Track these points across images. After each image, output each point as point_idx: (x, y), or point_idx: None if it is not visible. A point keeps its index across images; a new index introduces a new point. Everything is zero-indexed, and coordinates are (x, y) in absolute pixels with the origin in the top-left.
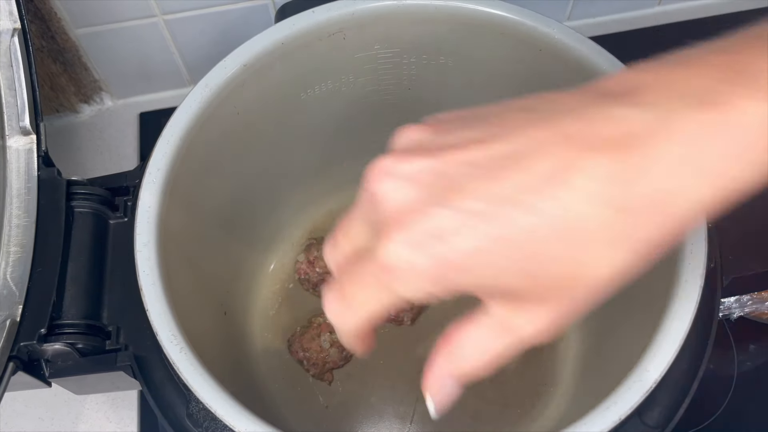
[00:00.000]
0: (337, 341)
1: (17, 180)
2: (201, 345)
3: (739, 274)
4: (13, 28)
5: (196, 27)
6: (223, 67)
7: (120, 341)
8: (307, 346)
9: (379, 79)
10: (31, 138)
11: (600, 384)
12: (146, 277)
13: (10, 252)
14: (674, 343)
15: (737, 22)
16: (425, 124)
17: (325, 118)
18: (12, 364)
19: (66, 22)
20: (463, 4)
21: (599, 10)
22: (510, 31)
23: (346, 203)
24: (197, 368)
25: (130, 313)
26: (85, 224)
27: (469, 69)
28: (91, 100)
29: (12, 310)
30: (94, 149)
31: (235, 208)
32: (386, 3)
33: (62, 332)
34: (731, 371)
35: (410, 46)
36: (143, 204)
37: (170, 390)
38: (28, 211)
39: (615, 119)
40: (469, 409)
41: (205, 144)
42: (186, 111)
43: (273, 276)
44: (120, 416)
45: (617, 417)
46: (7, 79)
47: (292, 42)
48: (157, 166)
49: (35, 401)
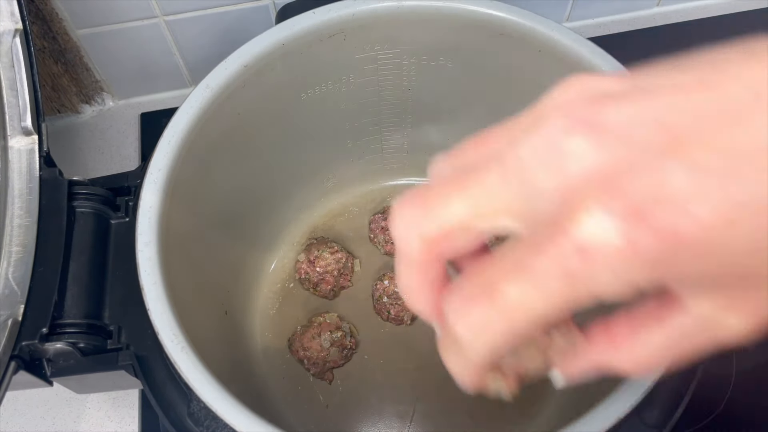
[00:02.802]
0: (338, 341)
1: (19, 180)
2: (202, 344)
3: None
4: (15, 28)
5: (197, 28)
6: (224, 67)
7: (121, 341)
8: (308, 346)
9: (379, 80)
10: (32, 138)
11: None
12: (147, 276)
13: (12, 252)
14: None
15: (736, 23)
16: (617, 77)
17: (326, 119)
18: (14, 363)
19: (67, 23)
20: (463, 5)
21: (598, 11)
22: (509, 31)
23: (346, 203)
24: (198, 367)
25: (132, 312)
26: (87, 224)
27: (468, 69)
28: (93, 101)
29: (14, 310)
30: (95, 149)
31: (235, 207)
32: (386, 4)
33: (64, 332)
34: (730, 370)
35: (410, 47)
36: (144, 204)
37: (171, 389)
38: (29, 211)
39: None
40: (469, 408)
41: (206, 144)
42: (187, 111)
43: (273, 275)
44: (121, 415)
45: (616, 416)
46: (8, 79)
47: (293, 43)
48: (158, 167)
49: (36, 400)
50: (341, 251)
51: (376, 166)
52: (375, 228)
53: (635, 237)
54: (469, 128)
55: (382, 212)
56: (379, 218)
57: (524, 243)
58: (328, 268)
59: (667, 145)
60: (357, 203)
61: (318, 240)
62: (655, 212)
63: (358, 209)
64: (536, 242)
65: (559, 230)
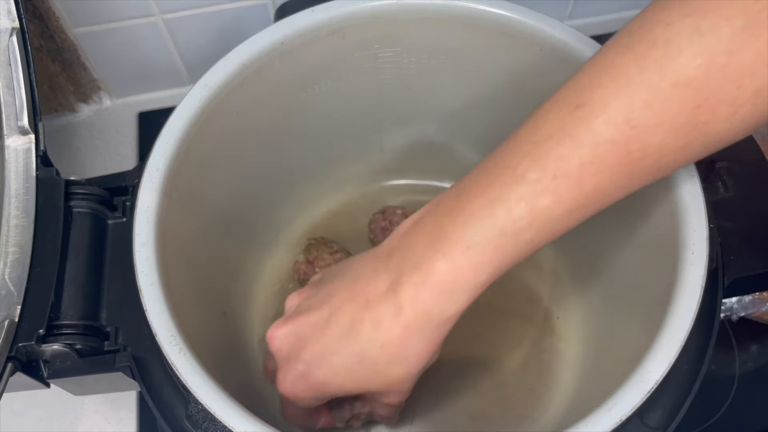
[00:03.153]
0: None
1: (15, 180)
2: (200, 345)
3: (741, 275)
4: (12, 27)
5: (195, 26)
6: (222, 66)
7: (119, 342)
8: None
9: (379, 79)
10: (29, 138)
11: (601, 385)
12: (145, 277)
13: (9, 252)
14: (676, 343)
15: None
16: (299, 291)
17: (325, 118)
18: (10, 364)
19: (65, 21)
20: (464, 4)
21: (600, 9)
22: (510, 30)
23: (346, 203)
24: (196, 369)
25: (129, 313)
26: (84, 224)
27: (469, 69)
28: (90, 100)
29: (10, 311)
30: (92, 149)
31: (234, 208)
32: (386, 2)
33: (61, 333)
34: (733, 372)
35: (410, 46)
36: (142, 204)
37: (169, 391)
38: (26, 211)
39: (377, 281)
40: (469, 409)
41: (204, 144)
42: (185, 111)
43: (272, 276)
44: (119, 417)
45: (618, 418)
46: (5, 78)
47: (292, 41)
48: (156, 166)
49: (34, 402)
50: (341, 251)
51: (376, 166)
52: (375, 228)
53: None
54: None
55: (382, 212)
56: (379, 218)
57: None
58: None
59: (300, 346)
60: (357, 203)
61: (317, 240)
62: (299, 378)
63: (358, 209)
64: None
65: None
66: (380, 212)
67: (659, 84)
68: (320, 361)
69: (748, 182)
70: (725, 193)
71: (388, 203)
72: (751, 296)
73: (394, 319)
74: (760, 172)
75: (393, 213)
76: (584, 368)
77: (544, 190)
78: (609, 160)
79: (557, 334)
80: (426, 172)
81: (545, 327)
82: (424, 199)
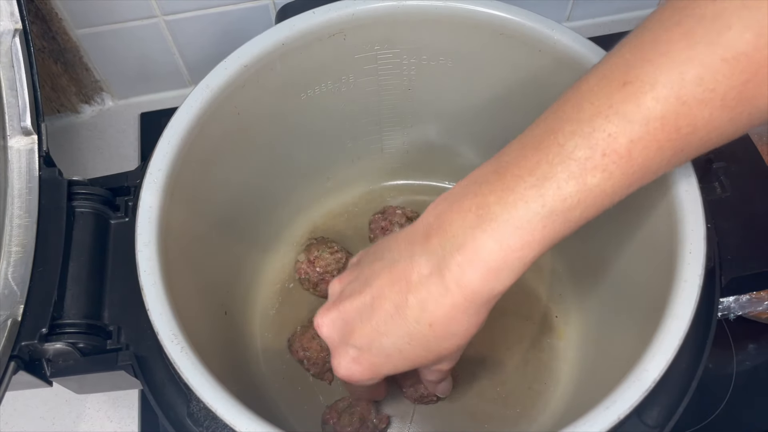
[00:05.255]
0: None
1: (18, 180)
2: (201, 345)
3: (738, 274)
4: (15, 28)
5: (197, 28)
6: (223, 67)
7: (121, 341)
8: (308, 346)
9: (379, 80)
10: (32, 138)
11: (599, 383)
12: (147, 276)
13: (12, 252)
14: (673, 342)
15: None
16: (341, 276)
17: (325, 119)
18: (13, 363)
19: (67, 23)
20: (463, 5)
21: (599, 10)
22: (509, 31)
23: (346, 203)
24: (198, 368)
25: (131, 312)
26: (86, 224)
27: (468, 69)
28: (92, 101)
29: (13, 310)
30: (95, 149)
31: (235, 207)
32: (386, 4)
33: (63, 332)
34: (730, 371)
35: (410, 47)
36: (144, 204)
37: (171, 389)
38: (29, 211)
39: (418, 264)
40: (469, 408)
41: (205, 144)
42: (187, 111)
43: (273, 276)
44: (121, 415)
45: (616, 416)
46: (8, 79)
47: (293, 43)
48: (158, 167)
49: (36, 401)
50: (341, 251)
51: (376, 166)
52: (375, 228)
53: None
54: (469, 128)
55: (382, 212)
56: (379, 218)
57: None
58: (328, 268)
59: (348, 331)
60: (357, 203)
61: (318, 240)
62: (354, 359)
63: (358, 209)
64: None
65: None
66: (380, 212)
67: (709, 59)
68: (370, 344)
69: (745, 182)
70: (722, 193)
71: (388, 203)
72: (749, 295)
73: (441, 299)
74: (757, 172)
75: (393, 213)
76: (583, 367)
77: (594, 168)
78: (658, 136)
79: (556, 333)
80: (426, 172)
81: (544, 326)
82: (424, 199)
